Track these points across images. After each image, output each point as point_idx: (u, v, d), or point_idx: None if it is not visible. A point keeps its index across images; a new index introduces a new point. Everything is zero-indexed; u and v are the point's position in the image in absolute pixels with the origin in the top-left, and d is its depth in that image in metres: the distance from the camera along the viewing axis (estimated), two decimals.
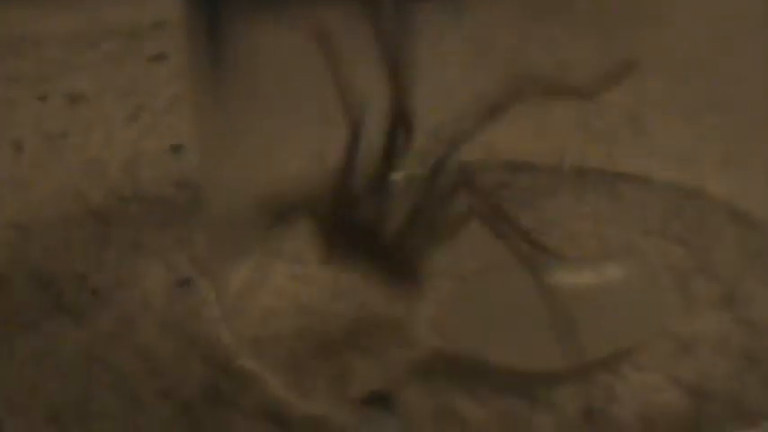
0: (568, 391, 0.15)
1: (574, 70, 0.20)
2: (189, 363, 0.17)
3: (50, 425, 0.16)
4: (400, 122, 0.17)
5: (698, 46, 0.21)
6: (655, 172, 0.23)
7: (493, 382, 0.15)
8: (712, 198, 0.22)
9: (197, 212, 0.21)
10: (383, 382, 0.15)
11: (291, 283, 0.19)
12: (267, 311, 0.18)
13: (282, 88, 0.21)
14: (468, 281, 0.17)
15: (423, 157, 0.18)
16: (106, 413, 0.16)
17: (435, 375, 0.15)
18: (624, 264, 0.18)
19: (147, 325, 0.18)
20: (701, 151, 0.23)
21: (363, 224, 0.17)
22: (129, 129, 0.28)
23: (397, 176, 0.17)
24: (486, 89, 0.18)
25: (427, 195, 0.17)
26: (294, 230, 0.20)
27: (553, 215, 0.21)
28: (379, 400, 0.15)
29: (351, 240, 0.17)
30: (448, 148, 0.17)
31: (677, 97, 0.23)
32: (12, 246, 0.22)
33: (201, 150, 0.19)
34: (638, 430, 0.15)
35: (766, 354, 0.16)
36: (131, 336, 0.18)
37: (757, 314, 0.17)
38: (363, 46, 0.17)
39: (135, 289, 0.20)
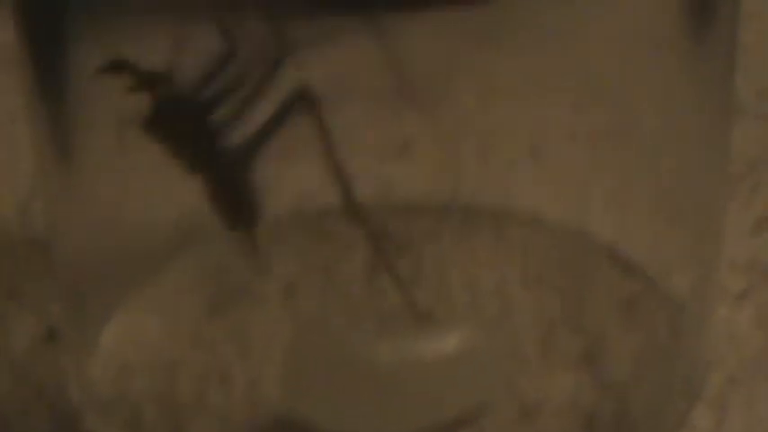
0: None
1: None
2: (36, 420, 0.17)
3: None
4: None
5: (603, 71, 0.21)
6: (546, 211, 0.24)
7: None
8: (595, 241, 0.22)
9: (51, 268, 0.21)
10: None
11: (159, 338, 0.19)
12: (120, 371, 0.18)
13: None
14: (306, 330, 0.17)
15: None
16: None
17: None
18: (484, 323, 0.18)
19: (4, 375, 0.18)
20: (590, 189, 0.24)
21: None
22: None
23: None
24: None
25: None
26: (167, 282, 0.21)
27: (432, 262, 0.22)
28: None
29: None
30: None
31: (578, 127, 0.23)
32: None
33: (50, 203, 0.19)
34: None
35: (608, 419, 0.16)
36: None
37: (610, 375, 0.17)
38: None
39: (2, 337, 0.20)
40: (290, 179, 0.23)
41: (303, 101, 0.18)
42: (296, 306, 0.19)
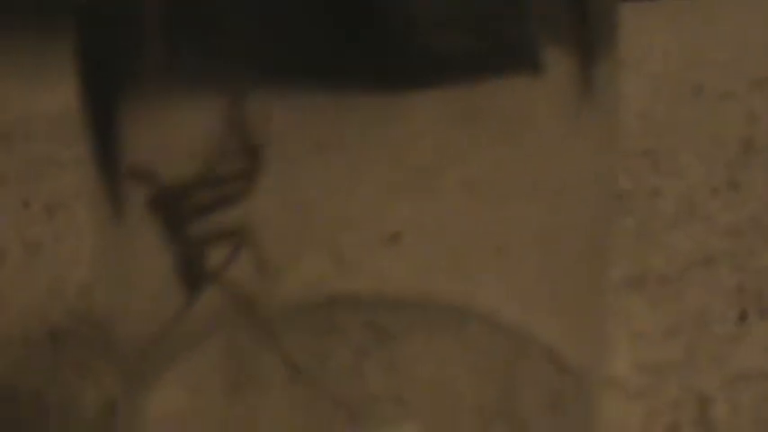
0: None
1: None
2: None
3: None
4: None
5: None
6: (502, 310, 0.29)
7: None
8: (537, 339, 0.28)
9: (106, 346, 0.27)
10: None
11: (188, 411, 0.25)
12: None
13: None
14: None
15: None
16: None
17: None
18: (436, 410, 0.24)
19: None
20: (538, 290, 0.29)
21: None
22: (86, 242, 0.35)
23: None
24: None
25: None
26: (197, 359, 0.27)
27: (405, 356, 0.27)
28: None
29: None
30: None
31: (529, 225, 0.28)
32: None
33: (104, 282, 0.25)
34: None
35: None
36: None
37: None
38: None
39: (76, 409, 0.26)
40: (297, 270, 0.29)
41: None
42: (296, 391, 0.25)
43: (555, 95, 0.24)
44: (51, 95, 0.50)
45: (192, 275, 0.23)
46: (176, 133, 0.23)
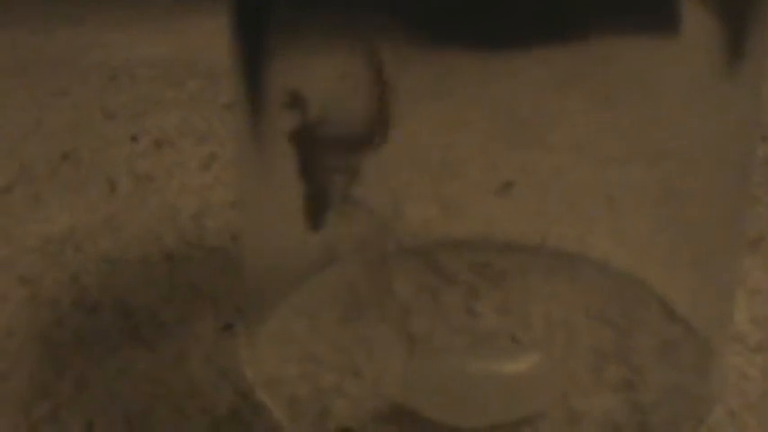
0: None
1: None
2: (222, 391, 0.24)
3: (125, 426, 0.23)
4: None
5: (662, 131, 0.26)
6: (613, 258, 0.29)
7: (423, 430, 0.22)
8: (650, 288, 0.28)
9: (241, 267, 0.27)
10: (354, 420, 0.22)
11: (306, 335, 0.25)
12: (281, 359, 0.24)
13: None
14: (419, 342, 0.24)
15: None
16: (161, 421, 0.23)
17: (390, 422, 0.22)
18: (550, 349, 0.24)
19: (197, 357, 0.25)
20: (653, 242, 0.29)
21: None
22: (200, 178, 0.35)
23: None
24: None
25: None
26: (318, 288, 0.27)
27: (518, 296, 0.27)
28: None
29: None
30: None
31: (647, 183, 0.29)
32: (103, 277, 0.29)
33: (244, 207, 0.25)
34: None
35: (637, 429, 0.22)
36: (185, 364, 0.25)
37: (646, 398, 0.23)
38: None
39: (191, 327, 0.26)
40: (409, 214, 0.29)
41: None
42: (410, 322, 0.26)
43: (690, 61, 0.23)
44: (153, 43, 0.51)
45: (319, 207, 0.23)
46: (315, 74, 0.23)
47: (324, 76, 0.24)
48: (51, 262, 0.30)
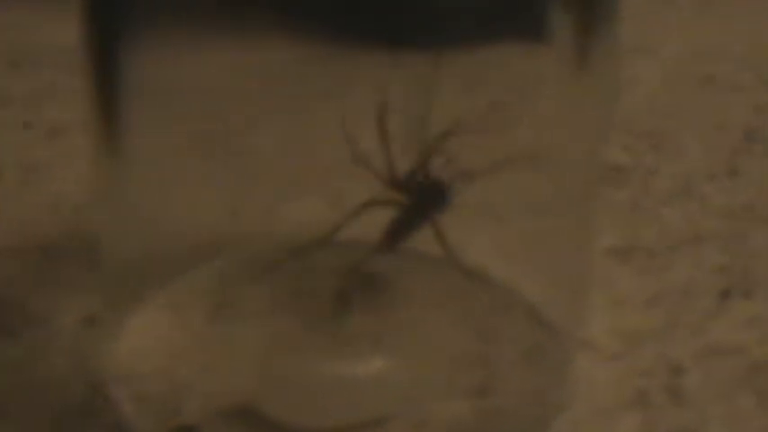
0: None
1: None
2: (76, 384, 0.24)
3: None
4: None
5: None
6: (488, 264, 0.30)
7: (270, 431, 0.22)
8: (518, 294, 0.28)
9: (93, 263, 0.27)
10: (200, 417, 0.22)
11: (170, 331, 0.25)
12: (140, 354, 0.24)
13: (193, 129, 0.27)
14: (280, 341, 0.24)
15: None
16: (7, 412, 0.23)
17: (237, 420, 0.22)
18: (409, 351, 0.25)
19: (57, 349, 0.25)
20: (522, 248, 0.29)
21: None
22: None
23: None
24: None
25: None
26: (189, 285, 0.27)
27: (386, 298, 0.28)
28: (187, 430, 0.22)
29: None
30: None
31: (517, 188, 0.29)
32: None
33: (101, 203, 0.25)
34: None
35: None
36: (45, 356, 0.25)
37: (496, 404, 0.24)
38: None
39: (58, 318, 0.26)
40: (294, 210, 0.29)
41: None
42: (275, 322, 0.26)
43: (553, 64, 0.24)
44: (59, 27, 0.50)
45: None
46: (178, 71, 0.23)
47: (196, 70, 0.24)
48: None
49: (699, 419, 0.24)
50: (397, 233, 0.25)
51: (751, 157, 0.38)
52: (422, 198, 0.25)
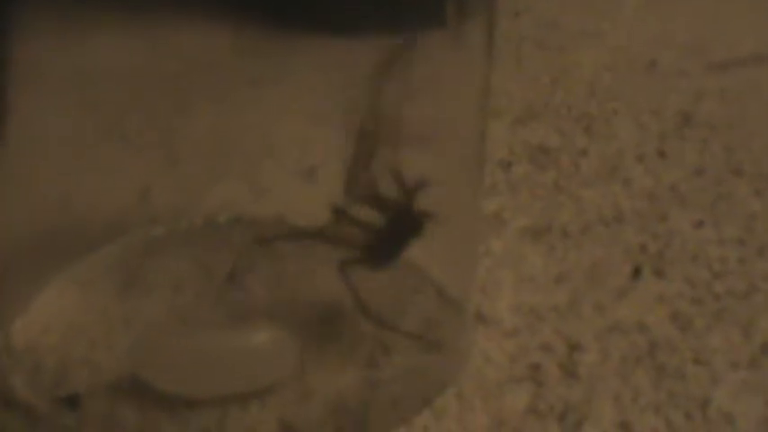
0: (203, 413, 0.22)
1: None
2: None
3: None
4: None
5: None
6: None
7: (155, 401, 0.22)
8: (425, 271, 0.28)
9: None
10: (88, 389, 0.22)
11: (74, 308, 0.26)
12: (42, 329, 0.25)
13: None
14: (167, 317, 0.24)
15: None
16: None
17: (125, 392, 0.22)
18: (302, 326, 0.25)
19: None
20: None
21: None
22: None
23: None
24: None
25: None
26: (98, 262, 0.27)
27: (292, 277, 0.28)
28: (69, 400, 0.22)
29: None
30: None
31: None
32: None
33: None
34: None
35: (356, 408, 0.23)
36: None
37: (383, 377, 0.24)
38: None
39: None
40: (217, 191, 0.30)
41: None
42: (177, 296, 0.26)
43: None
44: None
45: None
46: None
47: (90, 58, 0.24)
48: None
49: (589, 395, 0.24)
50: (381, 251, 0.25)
51: (682, 140, 0.38)
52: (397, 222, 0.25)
